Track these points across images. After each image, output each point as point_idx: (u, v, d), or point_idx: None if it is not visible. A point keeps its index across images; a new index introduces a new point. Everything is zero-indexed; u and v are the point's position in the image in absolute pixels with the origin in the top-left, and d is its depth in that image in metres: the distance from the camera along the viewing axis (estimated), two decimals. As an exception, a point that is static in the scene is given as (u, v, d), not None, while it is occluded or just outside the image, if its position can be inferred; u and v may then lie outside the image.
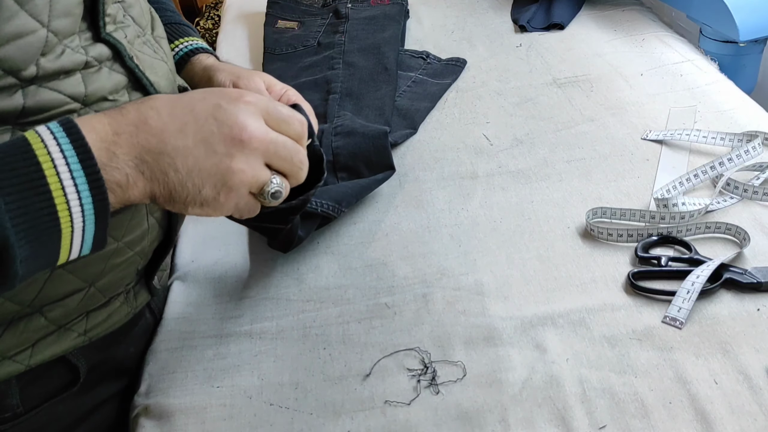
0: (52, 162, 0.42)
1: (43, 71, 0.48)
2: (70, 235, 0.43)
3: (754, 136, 0.81)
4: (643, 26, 1.13)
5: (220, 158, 0.48)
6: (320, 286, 0.71)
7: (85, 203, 0.43)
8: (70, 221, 0.43)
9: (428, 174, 0.85)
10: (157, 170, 0.46)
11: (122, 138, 0.45)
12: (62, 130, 0.43)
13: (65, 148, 0.42)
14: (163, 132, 0.46)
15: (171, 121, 0.47)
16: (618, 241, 0.71)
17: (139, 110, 0.47)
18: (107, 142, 0.45)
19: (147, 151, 0.46)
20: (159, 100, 0.48)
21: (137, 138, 0.46)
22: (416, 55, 1.11)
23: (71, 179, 0.42)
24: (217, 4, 2.16)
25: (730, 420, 0.54)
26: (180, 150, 0.47)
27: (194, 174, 0.47)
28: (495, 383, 0.59)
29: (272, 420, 0.59)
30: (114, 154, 0.45)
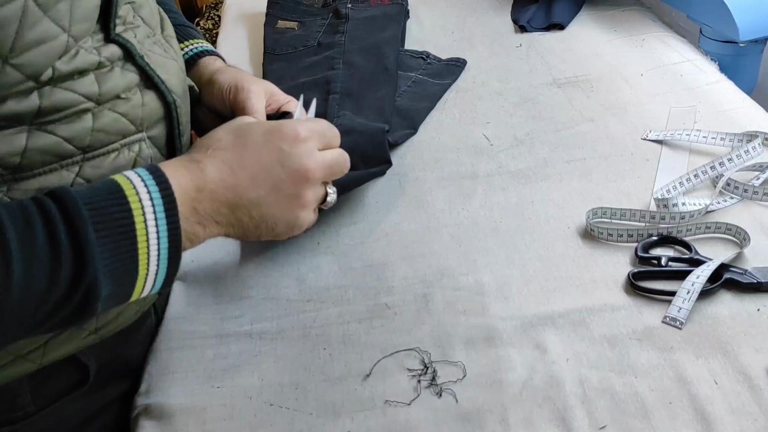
0: (142, 210, 0.46)
1: (59, 73, 0.49)
2: (144, 278, 0.47)
3: (754, 136, 0.81)
4: (643, 26, 1.13)
5: (291, 200, 0.53)
6: (320, 286, 0.71)
7: (161, 251, 0.47)
8: (146, 266, 0.47)
9: (428, 174, 0.85)
10: (233, 219, 0.52)
11: (203, 195, 0.50)
12: (153, 180, 0.47)
13: (155, 197, 0.47)
14: (237, 186, 0.51)
15: (243, 175, 0.52)
16: (618, 241, 0.71)
17: (215, 166, 0.51)
18: (190, 198, 0.49)
19: (224, 204, 0.51)
20: (228, 152, 0.52)
21: (216, 194, 0.50)
22: (416, 55, 1.11)
23: (155, 228, 0.46)
24: (217, 4, 2.16)
25: (730, 420, 0.54)
26: (254, 201, 0.52)
27: (268, 218, 0.53)
28: (495, 383, 0.59)
29: (272, 420, 0.59)
30: (195, 210, 0.50)
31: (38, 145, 0.49)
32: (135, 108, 0.56)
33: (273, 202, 0.52)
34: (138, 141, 0.56)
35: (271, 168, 0.52)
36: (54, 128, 0.50)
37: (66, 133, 0.51)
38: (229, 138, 0.53)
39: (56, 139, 0.50)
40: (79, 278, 0.43)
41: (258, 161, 0.52)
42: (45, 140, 0.50)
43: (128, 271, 0.46)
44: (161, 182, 0.47)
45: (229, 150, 0.52)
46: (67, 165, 0.52)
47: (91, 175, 0.53)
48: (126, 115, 0.55)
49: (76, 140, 0.51)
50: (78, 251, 0.43)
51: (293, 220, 0.54)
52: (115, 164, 0.55)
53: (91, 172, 0.53)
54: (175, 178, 0.48)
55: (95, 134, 0.52)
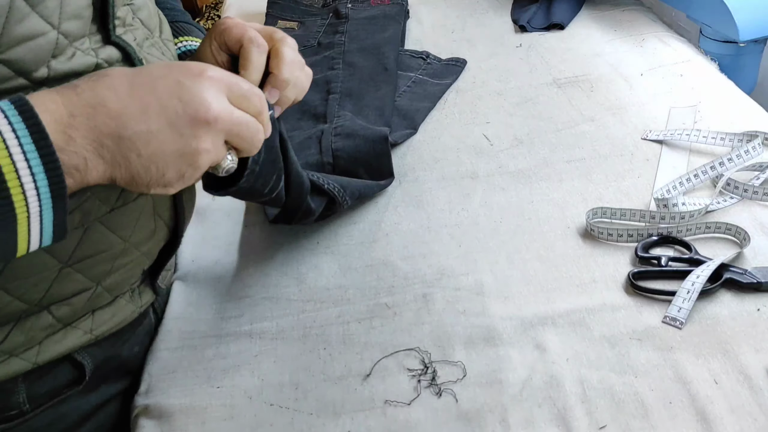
0: (4, 143, 0.39)
1: (54, 73, 0.48)
2: (26, 221, 0.41)
3: (754, 136, 0.81)
4: (643, 26, 1.14)
5: (187, 141, 0.45)
6: (320, 286, 0.71)
7: (41, 187, 0.40)
8: (25, 206, 0.40)
9: (428, 174, 0.85)
10: (119, 155, 0.44)
11: (78, 120, 0.42)
12: (14, 109, 0.40)
13: (18, 128, 0.40)
14: (122, 115, 0.43)
15: (131, 103, 0.44)
16: (618, 241, 0.71)
17: (95, 90, 0.44)
18: (63, 124, 0.42)
19: (106, 135, 0.43)
20: (116, 78, 0.45)
21: (95, 121, 0.43)
22: (416, 55, 1.11)
23: (25, 162, 0.40)
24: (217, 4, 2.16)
25: (730, 420, 0.54)
26: (143, 134, 0.44)
27: (158, 158, 0.45)
28: (495, 383, 0.59)
29: (272, 420, 0.59)
30: (71, 138, 0.42)
31: None
32: None
33: (166, 139, 0.44)
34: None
35: (168, 100, 0.45)
36: None
37: None
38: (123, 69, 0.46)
39: None
40: None
41: (152, 90, 0.44)
42: None
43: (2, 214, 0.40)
44: (23, 109, 0.40)
45: (117, 76, 0.45)
46: None
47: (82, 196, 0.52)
48: None
49: None
50: None
51: (185, 167, 0.46)
52: None
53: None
54: (42, 103, 0.41)
55: None
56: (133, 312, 0.63)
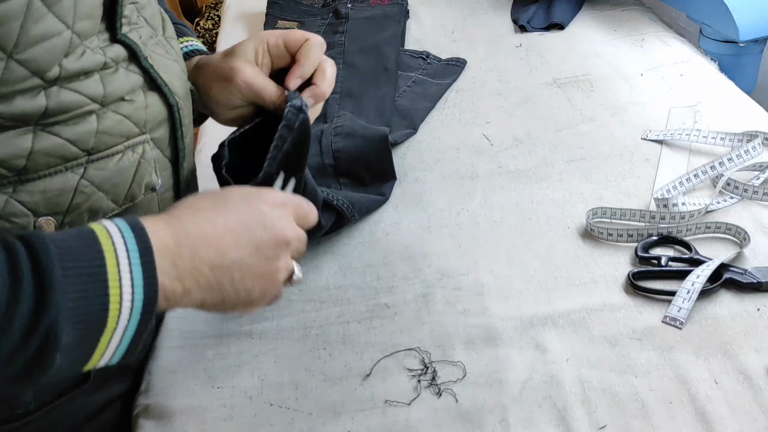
0: (115, 253, 0.42)
1: (66, 72, 0.49)
2: (111, 332, 0.43)
3: (754, 136, 0.81)
4: (643, 26, 1.13)
5: (270, 262, 0.51)
6: (320, 286, 0.71)
7: (136, 300, 0.43)
8: (117, 317, 0.42)
9: (428, 174, 0.85)
10: (214, 282, 0.48)
11: (183, 249, 0.46)
12: (129, 227, 0.44)
13: (129, 244, 0.43)
14: (219, 245, 0.48)
15: (225, 233, 0.49)
16: (618, 241, 0.71)
17: (196, 222, 0.48)
18: (170, 251, 0.46)
19: (205, 263, 0.47)
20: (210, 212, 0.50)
21: (197, 251, 0.47)
22: (416, 55, 1.11)
23: (129, 276, 0.43)
24: (217, 4, 2.16)
25: (730, 420, 0.54)
26: (236, 262, 0.49)
27: (247, 280, 0.50)
28: (495, 383, 0.59)
29: (272, 420, 0.59)
30: (175, 265, 0.46)
31: (43, 147, 0.49)
32: (138, 110, 0.56)
33: (254, 264, 0.50)
34: (141, 143, 0.57)
35: (254, 229, 0.50)
36: (59, 130, 0.50)
37: (70, 135, 0.51)
38: (208, 199, 0.51)
39: (61, 140, 0.50)
40: (39, 318, 0.39)
41: (241, 221, 0.50)
42: (50, 142, 0.50)
43: (95, 319, 0.41)
44: (137, 230, 0.44)
45: (211, 209, 0.50)
46: (71, 167, 0.52)
47: (95, 177, 0.53)
48: (130, 117, 0.55)
49: (80, 142, 0.52)
50: (39, 287, 0.39)
51: (268, 287, 0.52)
52: (119, 166, 0.55)
53: (96, 173, 0.53)
54: (153, 230, 0.45)
55: (99, 136, 0.53)
56: None
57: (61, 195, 0.52)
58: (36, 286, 0.39)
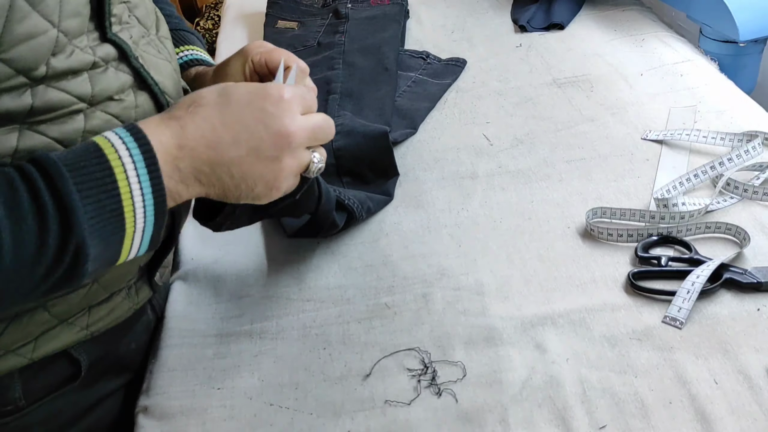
0: (123, 168, 0.46)
1: (53, 71, 0.49)
2: (131, 236, 0.47)
3: (754, 136, 0.81)
4: (643, 26, 1.13)
5: (271, 161, 0.52)
6: (320, 285, 0.71)
7: (147, 207, 0.47)
8: (133, 223, 0.47)
9: (428, 174, 0.85)
10: (213, 177, 0.51)
11: (184, 152, 0.49)
12: (132, 138, 0.47)
13: (135, 155, 0.46)
14: (219, 144, 0.50)
15: (225, 133, 0.51)
16: (618, 241, 0.71)
17: (195, 122, 0.50)
18: (171, 155, 0.48)
19: (205, 162, 0.50)
20: (210, 108, 0.51)
21: (197, 152, 0.50)
22: (416, 55, 1.11)
23: (139, 186, 0.46)
24: (217, 4, 2.16)
25: (730, 420, 0.54)
26: (234, 159, 0.51)
27: (247, 177, 0.52)
28: (495, 383, 0.59)
29: (272, 420, 0.59)
30: (177, 168, 0.49)
31: (28, 146, 0.49)
32: (128, 109, 0.55)
33: (253, 161, 0.51)
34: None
35: (254, 128, 0.51)
36: (45, 129, 0.50)
37: (57, 134, 0.50)
38: (212, 95, 0.52)
39: (47, 140, 0.50)
40: (67, 240, 0.43)
41: (240, 120, 0.51)
42: (35, 141, 0.49)
43: (115, 229, 0.46)
44: (140, 140, 0.47)
45: (211, 107, 0.51)
46: None
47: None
48: (118, 116, 0.55)
49: (66, 141, 0.51)
50: (63, 213, 0.43)
51: (272, 182, 0.53)
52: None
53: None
54: (155, 135, 0.48)
55: (86, 136, 0.52)
56: (130, 309, 0.63)
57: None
58: (59, 210, 0.43)
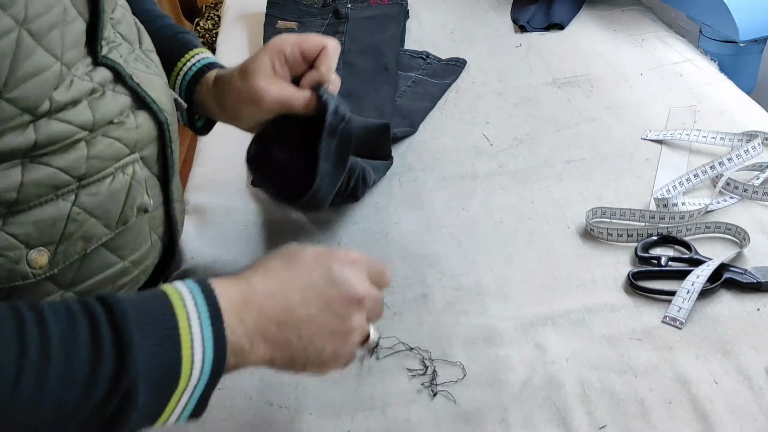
0: (187, 316, 0.43)
1: (56, 105, 0.48)
2: (182, 391, 0.43)
3: (754, 136, 0.81)
4: (643, 26, 1.13)
5: (342, 320, 0.49)
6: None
7: (206, 361, 0.43)
8: (188, 376, 0.43)
9: (428, 174, 0.85)
10: (281, 338, 0.47)
11: (250, 307, 0.46)
12: (199, 288, 0.45)
13: (200, 304, 0.44)
14: (287, 303, 0.48)
15: (293, 292, 0.48)
16: (618, 241, 0.71)
17: (264, 282, 0.48)
18: (237, 309, 0.46)
19: (272, 320, 0.47)
20: (277, 271, 0.49)
21: (264, 309, 0.47)
22: (416, 55, 1.11)
23: (200, 336, 0.43)
24: (217, 4, 2.16)
25: (730, 420, 0.54)
26: (304, 318, 0.48)
27: (316, 338, 0.49)
28: (495, 383, 0.59)
29: (272, 420, 0.59)
30: (243, 322, 0.46)
31: (34, 178, 0.49)
32: (129, 131, 0.55)
33: (323, 321, 0.49)
34: (131, 163, 0.56)
35: (323, 286, 0.49)
36: (49, 160, 0.49)
37: (61, 164, 0.50)
38: (278, 260, 0.51)
39: (51, 170, 0.50)
40: (119, 379, 0.40)
41: (309, 278, 0.49)
42: (40, 173, 0.49)
43: (169, 379, 0.42)
44: (207, 290, 0.45)
45: (279, 270, 0.50)
46: (62, 194, 0.51)
47: (87, 203, 0.53)
48: (120, 139, 0.54)
49: (71, 170, 0.51)
50: (120, 351, 0.40)
51: (340, 346, 0.50)
52: (111, 189, 0.54)
53: (88, 200, 0.53)
54: (221, 288, 0.46)
55: (90, 161, 0.52)
56: None
57: (53, 225, 0.51)
58: (116, 347, 0.40)
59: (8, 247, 0.49)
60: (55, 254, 0.52)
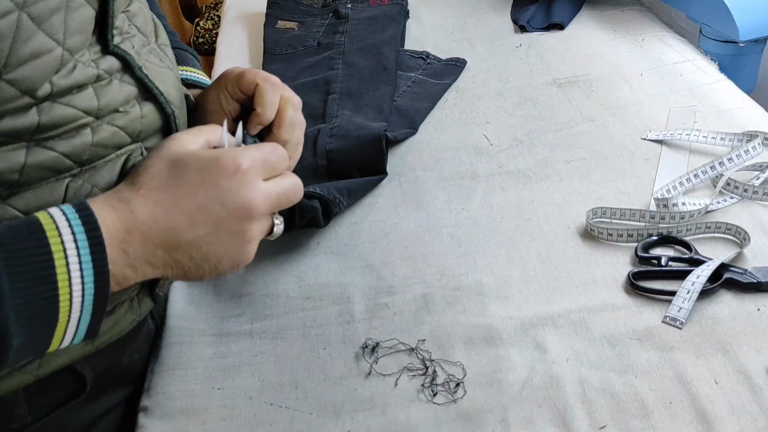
0: (64, 253, 0.41)
1: (57, 88, 0.48)
2: (65, 326, 0.43)
3: (754, 136, 0.81)
4: (643, 26, 1.14)
5: (234, 237, 0.49)
6: (320, 285, 0.71)
7: (86, 297, 0.43)
8: (68, 313, 0.42)
9: (428, 174, 0.85)
10: (170, 261, 0.47)
11: (133, 236, 0.45)
12: (79, 220, 0.43)
13: (79, 238, 0.42)
14: (173, 228, 0.47)
15: (179, 215, 0.47)
16: (618, 241, 0.71)
17: (147, 207, 0.47)
18: (118, 239, 0.44)
19: (158, 246, 0.46)
20: (162, 191, 0.48)
21: (148, 236, 0.46)
22: (416, 55, 1.11)
23: (80, 273, 0.42)
24: (217, 4, 2.16)
25: (730, 420, 0.54)
26: (193, 242, 0.47)
27: (210, 256, 0.48)
28: (495, 383, 0.59)
29: (272, 420, 0.59)
30: (125, 252, 0.45)
31: (37, 161, 0.49)
32: (133, 121, 0.55)
33: (215, 241, 0.48)
34: (133, 150, 0.56)
35: (211, 206, 0.48)
36: (53, 144, 0.49)
37: (65, 149, 0.50)
38: (163, 174, 0.49)
39: (55, 154, 0.50)
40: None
41: (195, 200, 0.47)
42: (44, 156, 0.49)
43: (46, 318, 0.42)
44: (88, 221, 0.43)
45: (163, 189, 0.48)
46: (63, 178, 0.51)
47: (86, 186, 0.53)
48: (124, 128, 0.54)
49: (74, 155, 0.51)
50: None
51: (238, 257, 0.50)
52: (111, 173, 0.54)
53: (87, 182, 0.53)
54: (101, 217, 0.44)
55: (94, 148, 0.52)
56: (133, 321, 0.63)
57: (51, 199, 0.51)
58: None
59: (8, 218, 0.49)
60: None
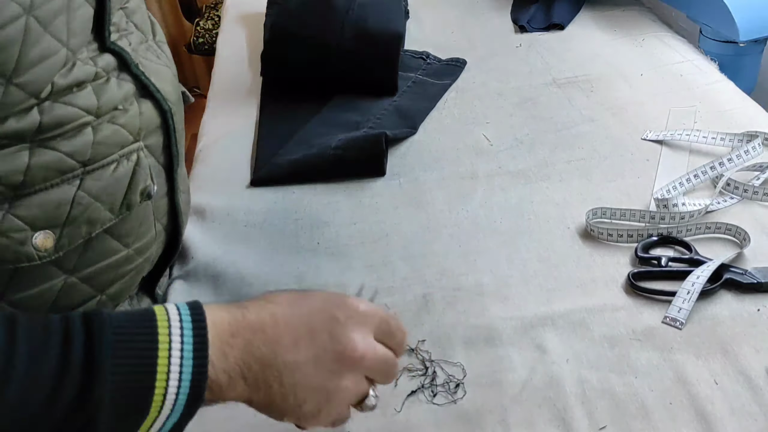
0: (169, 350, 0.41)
1: (57, 87, 0.49)
2: (152, 421, 0.41)
3: (754, 136, 0.81)
4: (643, 26, 1.13)
5: (330, 377, 0.46)
6: (320, 285, 0.71)
7: (180, 395, 0.41)
8: (159, 408, 0.41)
9: (428, 174, 0.85)
10: (261, 380, 0.44)
11: (237, 341, 0.43)
12: (188, 313, 0.42)
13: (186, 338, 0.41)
14: (276, 343, 0.44)
15: (286, 333, 0.45)
16: (618, 242, 0.71)
17: (259, 315, 0.45)
18: (223, 342, 0.43)
19: (256, 359, 0.44)
20: (278, 306, 0.46)
21: (251, 345, 0.44)
22: (416, 56, 1.11)
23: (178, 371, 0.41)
24: (217, 4, 2.16)
25: (730, 420, 0.54)
26: (289, 365, 0.45)
27: (298, 389, 0.45)
28: (495, 384, 0.59)
29: (272, 420, 0.59)
30: (225, 356, 0.43)
31: (41, 162, 0.49)
32: (133, 118, 0.55)
33: (309, 372, 0.45)
34: (136, 150, 0.57)
35: (319, 334, 0.45)
36: (56, 144, 0.50)
37: (67, 149, 0.51)
38: (288, 294, 0.48)
39: (58, 154, 0.50)
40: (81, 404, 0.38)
41: (307, 322, 0.45)
42: (47, 156, 0.49)
43: (137, 410, 0.40)
44: (197, 318, 0.42)
45: (281, 304, 0.46)
46: (68, 179, 0.52)
47: (92, 188, 0.53)
48: (125, 126, 0.55)
49: (77, 155, 0.51)
50: (88, 375, 0.38)
51: (323, 403, 0.46)
52: (115, 175, 0.55)
53: (92, 184, 0.53)
54: (212, 317, 0.43)
55: (96, 147, 0.52)
56: None
57: (58, 208, 0.51)
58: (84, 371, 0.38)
59: (14, 229, 0.50)
60: (60, 237, 0.53)
